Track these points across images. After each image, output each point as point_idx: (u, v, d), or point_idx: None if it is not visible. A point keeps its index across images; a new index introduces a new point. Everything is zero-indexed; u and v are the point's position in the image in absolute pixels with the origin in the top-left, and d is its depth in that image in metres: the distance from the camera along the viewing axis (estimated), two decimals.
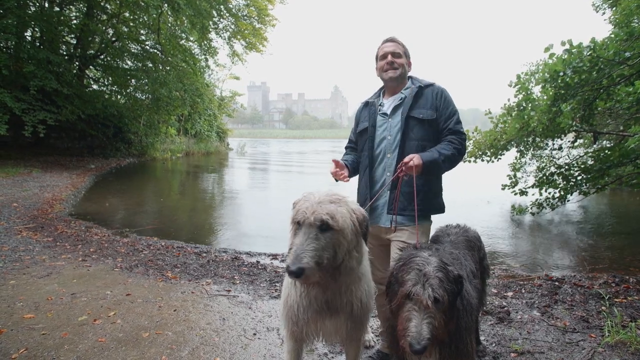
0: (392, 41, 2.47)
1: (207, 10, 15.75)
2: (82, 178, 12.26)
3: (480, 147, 7.40)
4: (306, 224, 1.59)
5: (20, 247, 5.06)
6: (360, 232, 1.73)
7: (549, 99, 5.58)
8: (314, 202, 1.63)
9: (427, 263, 1.59)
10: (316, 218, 1.57)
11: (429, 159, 2.18)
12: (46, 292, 3.63)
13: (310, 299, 1.78)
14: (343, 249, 1.62)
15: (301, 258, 1.49)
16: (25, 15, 12.85)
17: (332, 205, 1.62)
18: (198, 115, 25.61)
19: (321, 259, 1.54)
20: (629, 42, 5.23)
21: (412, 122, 2.34)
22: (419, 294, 1.49)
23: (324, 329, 1.85)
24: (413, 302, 1.50)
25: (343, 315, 1.82)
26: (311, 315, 1.80)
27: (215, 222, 8.30)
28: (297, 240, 1.57)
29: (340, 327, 1.84)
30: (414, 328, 1.45)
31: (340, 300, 1.78)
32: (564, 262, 5.55)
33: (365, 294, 1.87)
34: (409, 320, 1.49)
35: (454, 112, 2.35)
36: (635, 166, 6.48)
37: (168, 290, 3.81)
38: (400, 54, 2.43)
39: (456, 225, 2.43)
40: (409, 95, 2.37)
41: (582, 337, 2.94)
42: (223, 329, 3.05)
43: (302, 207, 1.63)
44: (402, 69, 2.41)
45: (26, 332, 2.85)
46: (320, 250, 1.54)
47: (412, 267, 1.59)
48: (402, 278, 1.59)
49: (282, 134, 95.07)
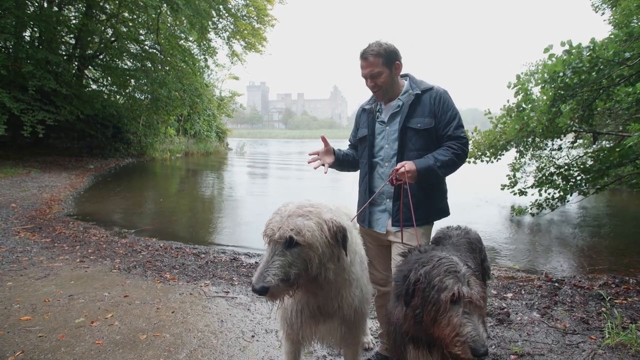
0: (365, 60, 2.22)
1: (206, 10, 15.73)
2: (81, 178, 12.24)
3: (479, 147, 7.38)
4: (273, 241, 1.57)
5: (18, 248, 5.04)
6: (335, 243, 1.65)
7: (548, 100, 5.57)
8: (283, 216, 1.60)
9: (456, 264, 1.54)
10: (281, 235, 1.54)
11: (424, 166, 2.11)
12: (43, 293, 3.61)
13: (302, 304, 1.78)
14: (314, 262, 1.58)
15: (265, 276, 1.48)
16: (24, 15, 12.81)
17: (299, 220, 1.57)
18: (197, 115, 25.57)
19: (287, 275, 1.51)
20: (628, 42, 5.23)
21: (410, 133, 2.23)
22: (471, 295, 1.43)
23: (318, 333, 1.86)
24: (462, 305, 1.43)
25: (336, 320, 1.82)
26: (305, 320, 1.80)
27: (214, 222, 8.28)
28: (264, 257, 1.57)
29: (334, 331, 1.84)
30: (473, 332, 1.37)
31: (331, 305, 1.77)
32: (563, 263, 5.54)
33: (357, 299, 1.84)
34: (462, 325, 1.40)
35: (453, 117, 2.22)
36: (635, 166, 6.47)
37: (166, 292, 3.79)
38: (378, 73, 2.21)
39: (457, 227, 2.41)
40: (406, 103, 2.25)
41: (582, 339, 2.93)
42: (221, 331, 3.03)
43: (272, 222, 1.61)
44: (386, 85, 2.25)
45: (23, 335, 2.83)
46: (286, 267, 1.52)
47: (446, 270, 1.52)
48: (440, 283, 1.49)
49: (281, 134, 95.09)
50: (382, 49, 2.19)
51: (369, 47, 2.22)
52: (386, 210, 2.33)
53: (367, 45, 2.24)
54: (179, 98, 17.65)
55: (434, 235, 2.42)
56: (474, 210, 9.00)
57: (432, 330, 1.51)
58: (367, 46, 2.24)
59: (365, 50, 2.23)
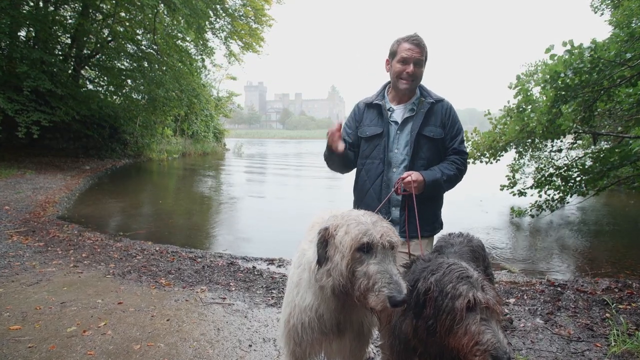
0: (418, 46, 2.11)
1: (204, 10, 15.61)
2: (76, 180, 12.10)
3: (478, 148, 7.33)
4: (379, 247, 1.42)
5: (10, 252, 4.93)
6: None
7: (548, 100, 5.51)
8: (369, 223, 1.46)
9: (467, 269, 1.47)
10: (388, 240, 1.43)
11: (432, 178, 2.11)
12: (35, 301, 3.51)
13: (318, 320, 1.63)
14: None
15: (401, 287, 1.35)
16: (19, 14, 12.65)
17: (385, 224, 1.50)
18: (195, 115, 25.44)
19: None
20: (629, 42, 5.17)
21: (423, 141, 2.21)
22: (487, 300, 1.37)
23: (327, 350, 1.74)
24: (478, 312, 1.36)
25: (349, 335, 1.71)
26: (316, 337, 1.66)
27: (211, 225, 8.19)
28: (386, 267, 1.40)
29: (345, 347, 1.73)
30: (493, 338, 1.30)
31: (350, 319, 1.66)
32: (565, 266, 5.48)
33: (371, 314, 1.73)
34: (481, 332, 1.33)
35: (459, 131, 2.29)
36: (635, 167, 6.43)
37: (161, 298, 3.70)
38: (422, 63, 2.17)
39: (459, 234, 2.34)
40: (422, 111, 2.21)
41: (587, 347, 2.86)
42: (218, 340, 2.95)
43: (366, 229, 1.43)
44: (419, 78, 2.21)
45: (11, 345, 2.73)
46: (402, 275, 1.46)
47: (458, 276, 1.45)
48: (453, 290, 1.42)
49: (279, 134, 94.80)
50: (426, 47, 2.18)
51: (417, 37, 2.15)
52: (391, 220, 2.25)
53: (408, 34, 2.17)
54: (176, 98, 17.51)
55: (435, 243, 2.36)
56: (473, 211, 8.94)
57: (448, 341, 1.42)
58: (409, 35, 2.17)
59: (417, 37, 2.14)
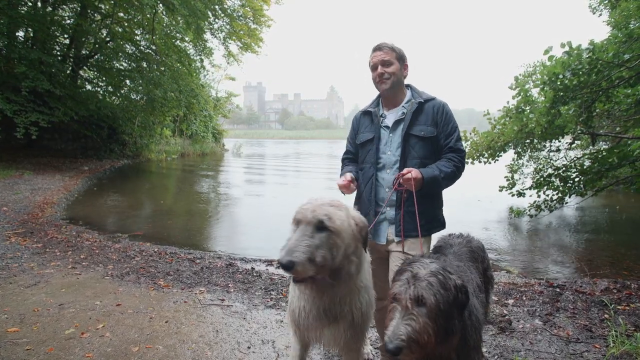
0: (380, 49, 2.28)
1: (202, 10, 15.59)
2: (75, 180, 12.07)
3: (477, 148, 7.33)
4: (304, 222, 1.62)
5: (8, 253, 4.92)
6: (360, 238, 1.74)
7: (547, 101, 5.52)
8: (315, 204, 1.67)
9: (424, 267, 1.52)
10: (314, 216, 1.61)
11: (430, 176, 2.12)
12: (33, 302, 3.50)
13: (309, 305, 1.80)
14: (339, 251, 1.62)
15: (293, 252, 1.51)
16: (17, 14, 12.62)
17: (331, 208, 1.65)
18: (194, 116, 25.43)
19: (313, 255, 1.54)
20: (628, 43, 5.18)
21: (413, 140, 2.24)
22: (401, 294, 1.44)
23: (323, 336, 1.88)
24: (397, 303, 1.46)
25: (343, 324, 1.83)
26: (311, 322, 1.83)
27: (210, 226, 8.18)
28: (293, 236, 1.60)
29: (340, 335, 1.85)
30: (391, 328, 1.40)
31: (340, 309, 1.79)
32: (563, 267, 5.49)
33: (365, 303, 1.87)
34: (390, 320, 1.44)
35: (454, 129, 2.27)
36: (633, 168, 6.44)
37: (160, 300, 3.69)
38: (390, 62, 2.26)
39: (459, 235, 2.34)
40: (409, 111, 2.26)
41: (586, 348, 2.87)
42: (216, 342, 2.94)
43: (303, 207, 1.67)
44: (394, 77, 2.27)
45: (9, 348, 2.72)
46: (313, 248, 1.55)
47: (407, 270, 1.54)
48: (394, 280, 1.56)
49: (278, 134, 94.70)
50: (396, 47, 2.30)
51: (383, 42, 2.31)
52: (386, 219, 2.26)
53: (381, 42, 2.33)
54: (174, 99, 17.49)
55: (434, 243, 2.36)
56: (472, 211, 8.95)
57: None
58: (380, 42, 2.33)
59: (380, 43, 2.31)
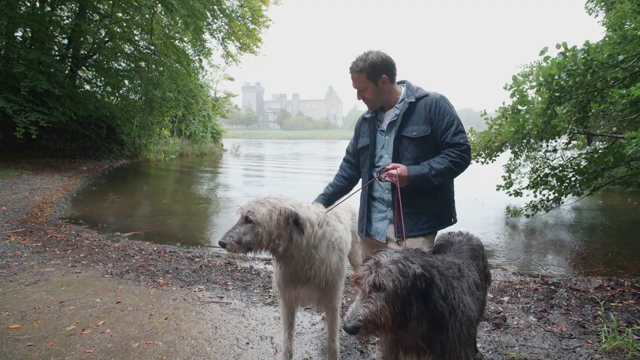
0: (354, 72, 2.24)
1: (201, 10, 15.63)
2: (73, 180, 12.09)
3: (474, 148, 7.39)
4: (239, 215, 2.15)
5: (8, 252, 4.95)
6: (287, 226, 2.10)
7: (543, 102, 5.58)
8: (251, 201, 2.17)
9: (387, 255, 1.60)
10: (243, 212, 2.12)
11: (416, 173, 2.09)
12: (33, 300, 3.53)
13: (282, 273, 2.32)
14: (263, 236, 2.07)
15: (226, 236, 2.06)
16: (15, 15, 12.63)
17: (257, 205, 2.11)
18: (192, 116, 25.45)
19: (240, 239, 2.05)
20: (622, 44, 5.24)
21: (405, 142, 2.20)
22: (362, 279, 1.56)
23: (298, 295, 2.36)
24: (358, 287, 1.58)
25: (311, 286, 2.30)
26: (286, 285, 2.34)
27: (209, 225, 8.21)
28: (231, 226, 2.14)
29: (312, 294, 2.34)
30: (350, 309, 1.52)
31: (304, 275, 2.26)
32: (559, 265, 5.55)
33: (323, 272, 2.27)
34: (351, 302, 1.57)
35: (451, 123, 2.15)
36: (629, 168, 6.50)
37: (159, 298, 3.73)
38: (363, 87, 2.24)
39: (459, 233, 2.38)
40: (400, 113, 2.22)
41: (578, 343, 2.92)
42: (215, 338, 2.98)
43: (244, 204, 2.18)
44: (374, 97, 2.26)
45: (11, 344, 2.76)
46: (240, 234, 2.06)
47: (371, 258, 1.64)
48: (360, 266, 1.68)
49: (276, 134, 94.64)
50: (366, 64, 2.19)
51: (353, 63, 2.25)
52: (386, 218, 2.30)
53: (354, 59, 2.26)
54: (173, 99, 17.53)
55: (436, 241, 2.38)
56: (469, 211, 9.00)
57: None
58: (353, 60, 2.26)
59: (350, 67, 2.27)
